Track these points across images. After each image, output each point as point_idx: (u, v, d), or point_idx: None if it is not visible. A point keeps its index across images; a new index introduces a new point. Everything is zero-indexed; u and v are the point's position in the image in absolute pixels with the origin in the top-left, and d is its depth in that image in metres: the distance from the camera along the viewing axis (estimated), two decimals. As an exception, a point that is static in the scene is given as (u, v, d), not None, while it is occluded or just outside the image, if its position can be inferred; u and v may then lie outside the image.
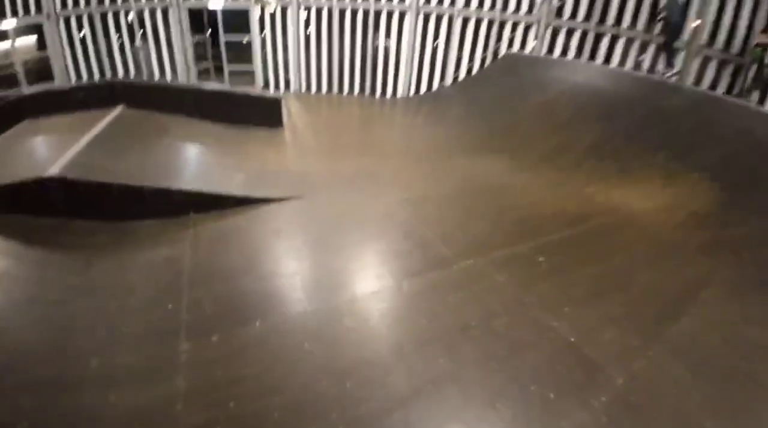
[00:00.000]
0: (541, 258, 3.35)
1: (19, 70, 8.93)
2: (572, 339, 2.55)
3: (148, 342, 2.50)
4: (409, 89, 9.59)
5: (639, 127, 5.61)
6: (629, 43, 7.75)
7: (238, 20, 9.44)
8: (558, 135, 6.01)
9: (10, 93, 7.09)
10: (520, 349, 2.49)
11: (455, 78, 9.28)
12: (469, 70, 9.16)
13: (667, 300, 2.96)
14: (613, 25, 7.85)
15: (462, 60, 9.13)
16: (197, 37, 9.80)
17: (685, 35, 7.11)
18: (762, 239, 3.72)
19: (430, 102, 8.69)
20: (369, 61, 9.67)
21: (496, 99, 7.49)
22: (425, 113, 8.26)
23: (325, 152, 5.83)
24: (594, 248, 3.62)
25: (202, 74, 10.15)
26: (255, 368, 2.31)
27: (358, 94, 9.94)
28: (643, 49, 7.61)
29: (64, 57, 9.26)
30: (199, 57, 10.01)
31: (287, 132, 6.52)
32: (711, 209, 4.23)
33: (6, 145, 4.72)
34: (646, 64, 7.51)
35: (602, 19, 7.90)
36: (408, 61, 9.37)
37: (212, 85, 7.07)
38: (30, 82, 8.87)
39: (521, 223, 3.95)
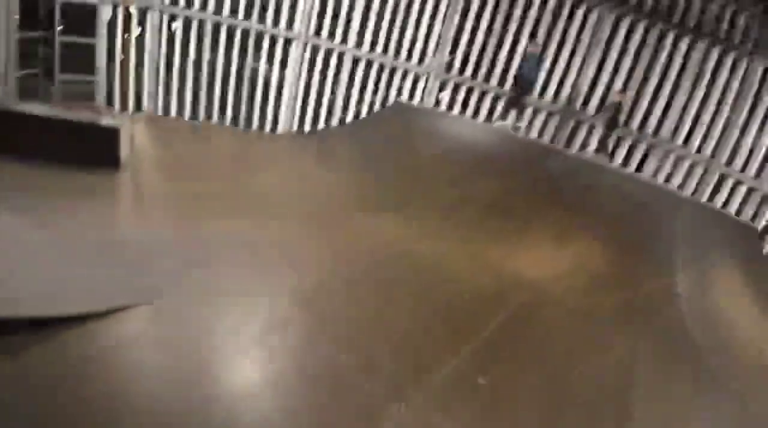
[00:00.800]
0: (481, 380, 2.70)
1: None
2: None
3: None
4: (291, 125, 8.58)
5: (529, 186, 5.91)
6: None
7: (81, 17, 7.37)
8: (454, 189, 5.83)
9: None
10: None
11: (342, 120, 8.64)
12: (357, 114, 8.63)
13: (617, 403, 2.86)
14: (498, 85, 8.25)
15: (350, 101, 8.56)
16: (23, 34, 7.11)
17: (536, 92, 7.84)
18: (661, 299, 4.21)
19: (315, 144, 7.78)
20: (246, 86, 8.43)
21: (388, 148, 7.05)
22: (311, 157, 7.30)
23: (182, 208, 4.14)
24: (526, 344, 3.32)
25: (25, 81, 7.32)
26: None
27: (231, 123, 8.56)
28: (522, 110, 8.15)
29: None
30: (25, 56, 7.23)
31: (128, 174, 4.65)
32: (609, 271, 4.65)
33: None
34: (507, 120, 8.02)
35: (487, 77, 8.24)
36: (292, 94, 8.40)
37: (21, 105, 4.97)
38: None
39: (445, 317, 3.39)
